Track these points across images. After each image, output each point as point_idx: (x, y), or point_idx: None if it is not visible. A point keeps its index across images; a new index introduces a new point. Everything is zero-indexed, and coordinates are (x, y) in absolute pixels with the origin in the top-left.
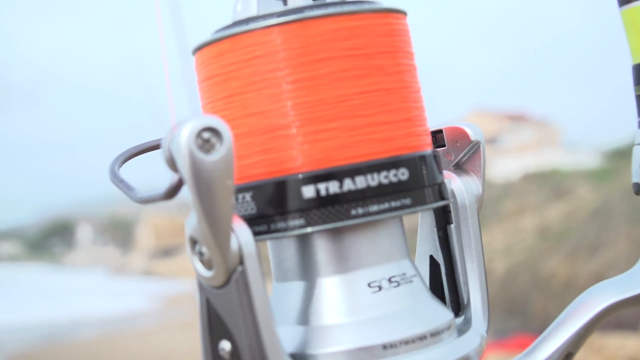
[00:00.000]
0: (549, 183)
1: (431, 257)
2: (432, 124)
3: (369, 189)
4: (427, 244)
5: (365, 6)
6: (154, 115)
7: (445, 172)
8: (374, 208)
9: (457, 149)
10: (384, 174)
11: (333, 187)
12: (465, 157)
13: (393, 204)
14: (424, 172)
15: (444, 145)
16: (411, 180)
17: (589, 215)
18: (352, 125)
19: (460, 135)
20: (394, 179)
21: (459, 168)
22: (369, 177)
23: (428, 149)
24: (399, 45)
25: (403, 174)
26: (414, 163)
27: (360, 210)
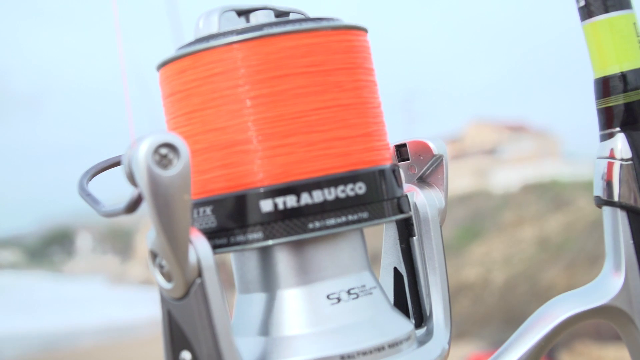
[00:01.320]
0: (549, 194)
1: (395, 269)
2: (431, 134)
3: (326, 202)
4: (391, 256)
5: (324, 24)
6: (154, 122)
7: (408, 186)
8: (331, 221)
9: (421, 162)
10: (341, 188)
11: (291, 201)
12: (428, 171)
13: (350, 217)
14: (382, 186)
15: (407, 159)
16: (368, 194)
17: (588, 226)
18: (310, 140)
19: (424, 149)
20: (351, 193)
21: (423, 181)
22: (326, 191)
23: (387, 164)
24: (358, 62)
25: (360, 188)
26: (372, 177)
27: (317, 224)
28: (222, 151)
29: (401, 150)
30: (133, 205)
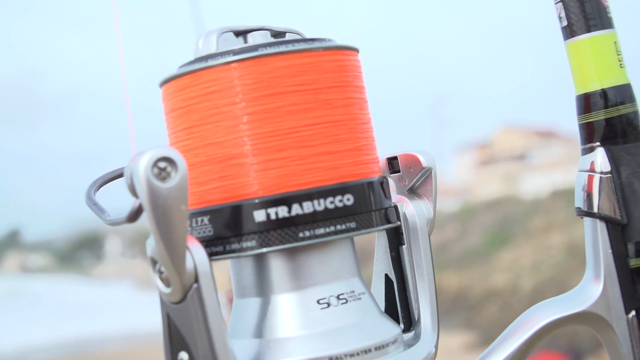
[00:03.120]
0: None
1: (386, 275)
2: (459, 142)
3: (316, 213)
4: (382, 264)
5: (316, 44)
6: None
7: (398, 197)
8: (321, 231)
9: (411, 174)
10: (329, 199)
11: (282, 211)
12: (418, 183)
13: (339, 227)
14: (370, 197)
15: (399, 171)
16: (356, 205)
17: None
18: (301, 154)
19: (413, 162)
20: (339, 204)
21: (413, 192)
22: (316, 202)
23: (375, 176)
24: (348, 80)
25: (348, 199)
26: (360, 189)
27: (307, 233)
28: (219, 164)
29: (393, 163)
30: (134, 215)
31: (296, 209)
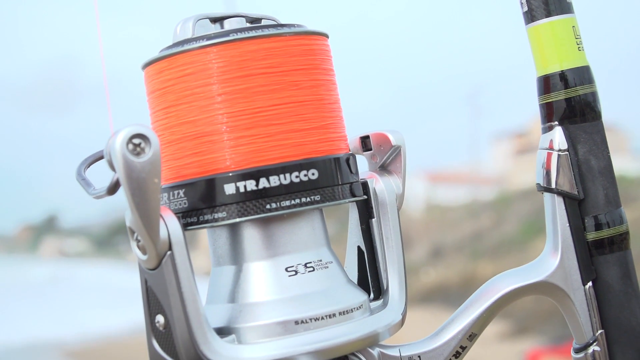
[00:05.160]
0: None
1: (358, 247)
2: (495, 131)
3: (282, 186)
4: (355, 236)
5: (284, 30)
6: None
7: (369, 173)
8: (287, 203)
9: (382, 152)
10: (295, 174)
11: (251, 185)
12: (388, 160)
13: (304, 199)
14: (336, 172)
15: (371, 149)
16: (321, 179)
17: None
18: (269, 132)
19: (384, 141)
20: (304, 178)
21: (384, 169)
22: (282, 176)
23: (341, 153)
24: (315, 63)
25: (313, 174)
26: (325, 165)
27: (274, 205)
28: (193, 141)
29: (365, 141)
30: (113, 188)
31: (264, 183)
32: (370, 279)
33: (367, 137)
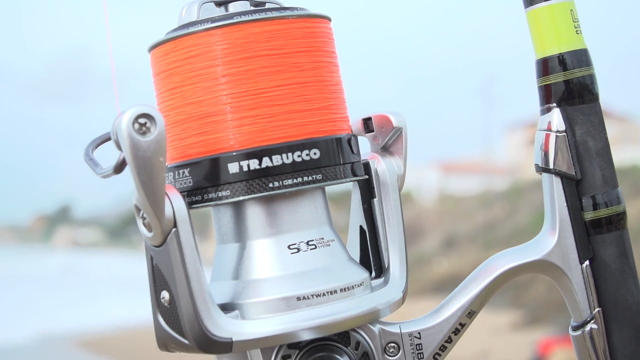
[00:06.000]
0: (629, 179)
1: (360, 227)
2: (508, 121)
3: (284, 165)
4: (357, 216)
5: (287, 13)
6: None
7: (371, 154)
8: (289, 181)
9: (383, 133)
10: (297, 153)
11: (254, 164)
12: (390, 141)
13: (306, 178)
14: (337, 152)
15: (373, 131)
16: (323, 159)
17: None
18: (271, 112)
19: (386, 122)
20: (306, 158)
21: (385, 150)
22: (284, 156)
23: (343, 133)
24: (317, 46)
25: (315, 153)
26: (327, 144)
27: (276, 183)
28: (198, 121)
29: (367, 123)
30: (120, 167)
31: (266, 162)
32: (371, 258)
33: (369, 118)
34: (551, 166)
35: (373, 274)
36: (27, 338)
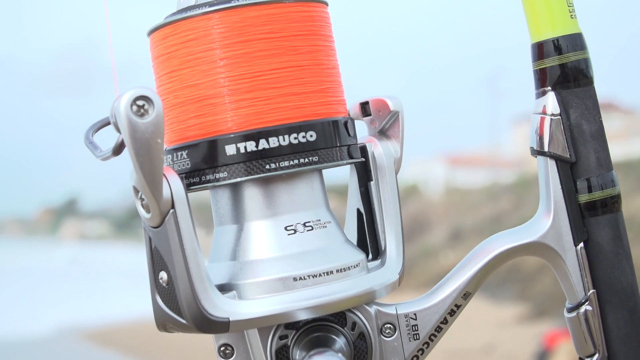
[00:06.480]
0: (636, 173)
1: (358, 209)
2: (515, 114)
3: (281, 147)
4: (354, 199)
5: None
6: None
7: (368, 137)
8: (285, 163)
9: (380, 117)
10: (294, 135)
11: (250, 146)
12: (387, 125)
13: (302, 160)
14: (333, 134)
15: (370, 115)
16: (319, 141)
17: None
18: (268, 95)
19: (383, 106)
20: (302, 140)
21: (382, 134)
22: (281, 138)
23: (339, 116)
24: (314, 29)
25: (311, 135)
26: (323, 127)
27: (273, 165)
28: (196, 104)
29: (365, 107)
30: (118, 149)
31: (263, 144)
32: (368, 240)
33: (367, 102)
34: (546, 149)
35: (370, 256)
36: (34, 331)
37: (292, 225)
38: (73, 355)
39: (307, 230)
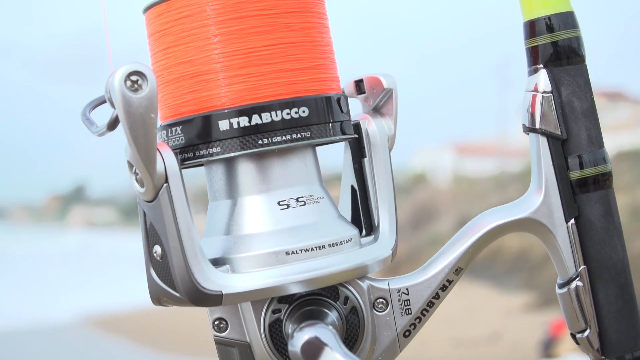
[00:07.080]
0: None
1: (352, 186)
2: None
3: (274, 122)
4: (348, 176)
5: None
6: None
7: (362, 115)
8: (278, 139)
9: (374, 95)
10: (286, 111)
11: (243, 121)
12: (381, 102)
13: (294, 135)
14: (326, 110)
15: (364, 92)
16: (312, 117)
17: None
18: (261, 71)
19: (376, 84)
20: (295, 115)
21: (376, 111)
22: (273, 113)
23: (332, 92)
24: (308, 7)
25: (304, 111)
26: (315, 103)
27: (266, 140)
28: (190, 80)
29: (359, 85)
30: (113, 124)
31: (256, 119)
32: (362, 216)
33: (361, 80)
34: (537, 126)
35: (364, 232)
36: (42, 318)
37: (284, 200)
38: (82, 342)
39: (300, 205)
